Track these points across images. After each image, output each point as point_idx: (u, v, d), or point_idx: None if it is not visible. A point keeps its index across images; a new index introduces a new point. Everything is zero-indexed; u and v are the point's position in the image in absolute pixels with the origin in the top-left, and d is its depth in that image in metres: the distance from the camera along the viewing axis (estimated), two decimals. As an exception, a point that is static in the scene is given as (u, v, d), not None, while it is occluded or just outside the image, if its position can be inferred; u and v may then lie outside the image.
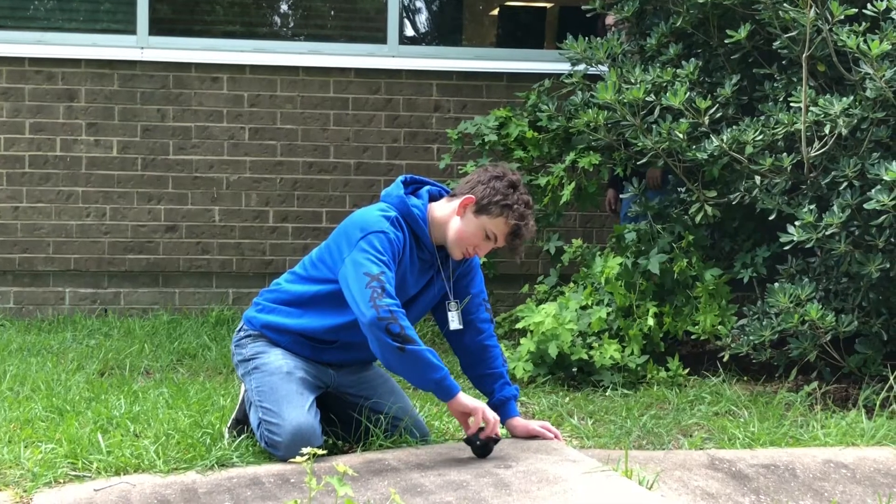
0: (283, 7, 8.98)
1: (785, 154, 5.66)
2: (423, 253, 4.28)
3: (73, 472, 4.06)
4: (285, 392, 4.16)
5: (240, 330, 4.48)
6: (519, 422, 4.46)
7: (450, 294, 4.39)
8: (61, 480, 4.00)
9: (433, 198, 4.35)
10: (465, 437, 4.10)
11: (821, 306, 5.45)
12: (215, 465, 4.11)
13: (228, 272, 8.06)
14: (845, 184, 5.47)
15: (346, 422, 4.44)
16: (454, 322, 4.41)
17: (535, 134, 6.81)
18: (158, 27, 8.09)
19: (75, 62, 7.88)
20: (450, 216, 4.26)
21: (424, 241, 4.27)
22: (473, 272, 4.45)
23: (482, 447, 4.07)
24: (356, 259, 4.05)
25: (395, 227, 4.16)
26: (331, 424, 4.45)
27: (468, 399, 4.06)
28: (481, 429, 4.04)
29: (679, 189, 6.47)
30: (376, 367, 4.58)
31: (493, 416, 4.05)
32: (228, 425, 4.50)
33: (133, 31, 7.99)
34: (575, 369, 6.00)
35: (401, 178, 4.36)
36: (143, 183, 7.95)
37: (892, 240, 5.39)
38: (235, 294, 8.04)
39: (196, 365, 6.32)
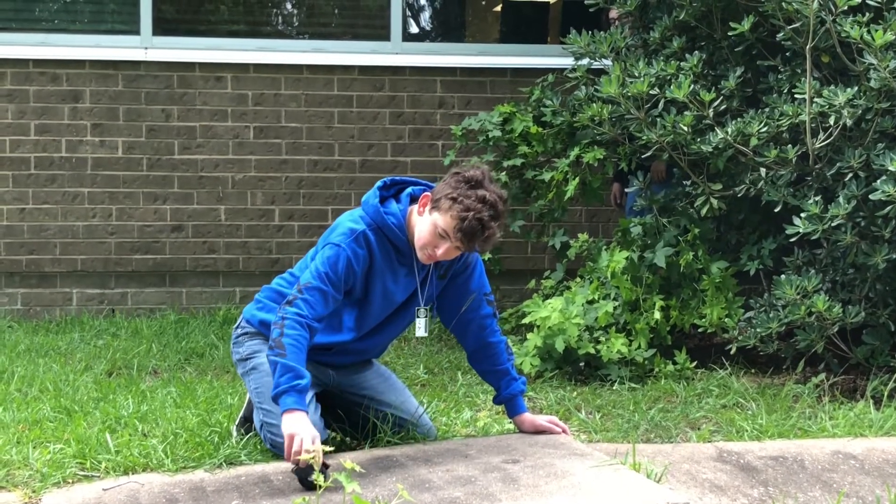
0: (287, 6, 8.97)
1: (790, 146, 5.65)
2: (404, 259, 4.22)
3: (82, 472, 4.07)
4: None
5: (238, 327, 4.50)
6: (526, 417, 4.45)
7: (420, 300, 4.30)
8: (70, 480, 4.01)
9: (416, 199, 4.23)
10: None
11: (828, 298, 5.45)
12: (223, 464, 4.12)
13: (235, 271, 8.06)
14: (850, 175, 5.46)
15: (353, 418, 4.44)
16: (420, 329, 4.32)
17: (540, 129, 6.80)
18: (162, 27, 8.09)
19: (79, 63, 7.89)
20: (416, 218, 4.17)
21: (402, 248, 4.18)
22: (471, 269, 4.35)
23: (302, 474, 3.69)
24: (308, 266, 4.14)
25: (356, 243, 4.10)
26: (338, 420, 4.46)
27: (294, 423, 3.78)
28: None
29: (684, 182, 6.46)
30: (377, 367, 4.56)
31: (315, 447, 3.68)
32: (236, 423, 4.50)
33: (137, 32, 7.99)
34: (582, 364, 6.00)
35: (379, 182, 4.28)
36: (149, 183, 7.96)
37: (899, 230, 5.39)
38: (242, 293, 8.04)
39: (204, 364, 6.33)
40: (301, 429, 3.76)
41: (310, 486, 3.64)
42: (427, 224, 4.07)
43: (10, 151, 7.81)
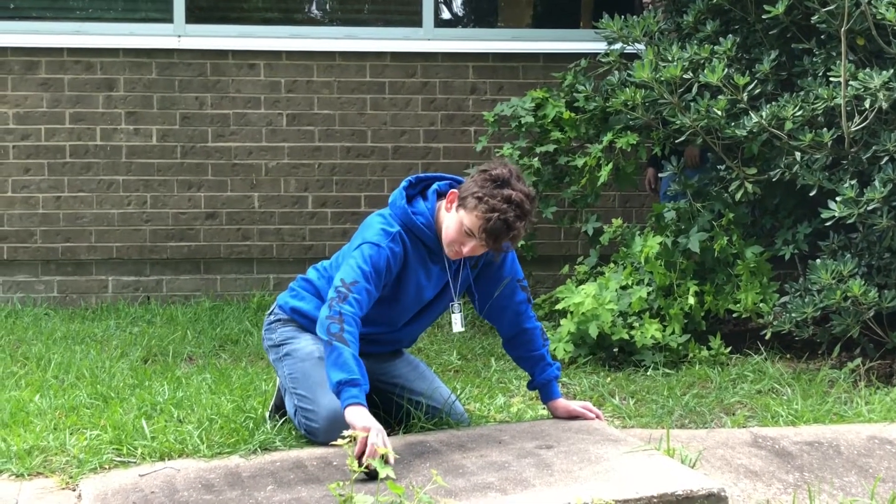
0: (319, -8, 8.99)
1: (825, 129, 5.61)
2: (435, 256, 4.22)
3: (119, 458, 4.11)
4: (318, 378, 4.15)
5: (270, 313, 4.51)
6: (560, 403, 4.45)
7: (454, 294, 4.30)
8: (107, 466, 4.05)
9: (442, 194, 4.23)
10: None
11: (863, 282, 5.41)
12: (258, 450, 4.14)
13: (269, 258, 8.09)
14: (886, 158, 5.42)
15: (387, 404, 4.46)
16: (457, 324, 4.34)
17: (572, 114, 6.78)
18: (195, 15, 8.11)
19: (113, 52, 7.92)
20: (444, 213, 4.16)
21: (432, 246, 4.18)
22: (503, 257, 4.31)
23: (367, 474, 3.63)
24: (347, 263, 4.07)
25: (394, 243, 4.10)
26: (372, 405, 4.47)
27: (358, 416, 3.76)
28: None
29: (718, 167, 6.43)
30: (407, 355, 4.58)
31: (378, 441, 3.65)
32: (269, 412, 4.52)
33: (170, 20, 8.02)
34: (616, 349, 5.99)
35: (405, 181, 4.26)
36: (183, 170, 7.99)
37: (935, 214, 5.34)
38: (276, 280, 8.07)
39: (238, 350, 6.36)
40: (372, 423, 3.72)
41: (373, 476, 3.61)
42: (454, 221, 4.07)
43: (45, 140, 7.86)
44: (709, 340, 6.05)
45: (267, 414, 4.52)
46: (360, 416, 3.76)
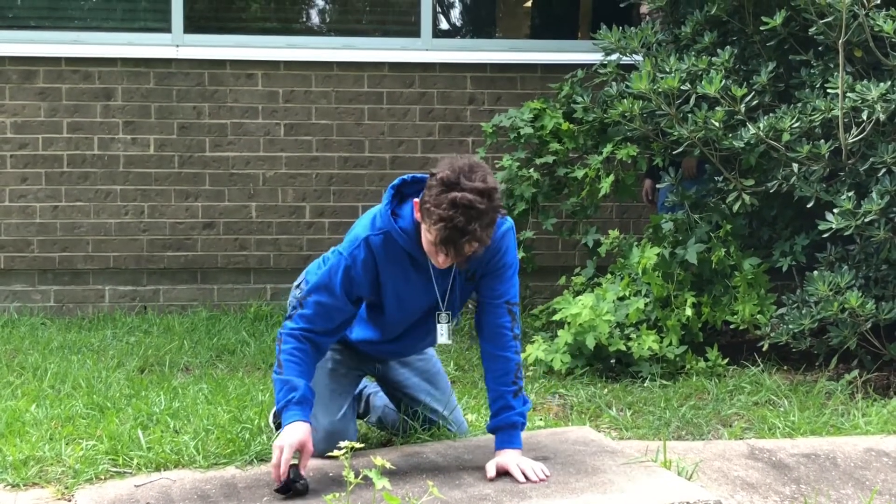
0: (317, 2, 8.99)
1: (822, 141, 5.61)
2: (419, 264, 3.95)
3: (114, 469, 4.10)
4: (321, 390, 4.11)
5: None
6: (502, 456, 3.91)
7: (441, 305, 4.05)
8: (102, 477, 4.04)
9: None
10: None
11: (861, 294, 5.41)
12: (255, 460, 4.14)
13: (266, 268, 8.08)
14: (884, 170, 5.42)
15: (385, 416, 4.47)
16: (443, 336, 4.08)
17: (570, 126, 6.78)
18: (193, 25, 8.12)
19: (111, 61, 7.92)
20: None
21: (414, 254, 3.91)
22: (500, 271, 3.98)
23: (284, 487, 3.72)
24: (317, 273, 4.03)
25: (358, 250, 3.89)
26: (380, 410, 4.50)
27: (282, 436, 3.75)
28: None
29: (716, 178, 6.43)
30: (423, 362, 4.48)
31: (276, 455, 3.71)
32: (271, 416, 4.51)
33: (168, 30, 8.02)
34: (613, 360, 5.98)
35: (397, 180, 3.97)
36: (181, 180, 7.99)
37: (933, 226, 5.34)
38: (273, 290, 8.06)
39: (235, 361, 6.35)
40: (283, 440, 3.74)
41: (294, 493, 3.72)
42: (424, 233, 3.79)
43: (42, 149, 7.86)
44: (706, 352, 6.05)
45: (270, 417, 4.52)
46: (282, 436, 3.77)
